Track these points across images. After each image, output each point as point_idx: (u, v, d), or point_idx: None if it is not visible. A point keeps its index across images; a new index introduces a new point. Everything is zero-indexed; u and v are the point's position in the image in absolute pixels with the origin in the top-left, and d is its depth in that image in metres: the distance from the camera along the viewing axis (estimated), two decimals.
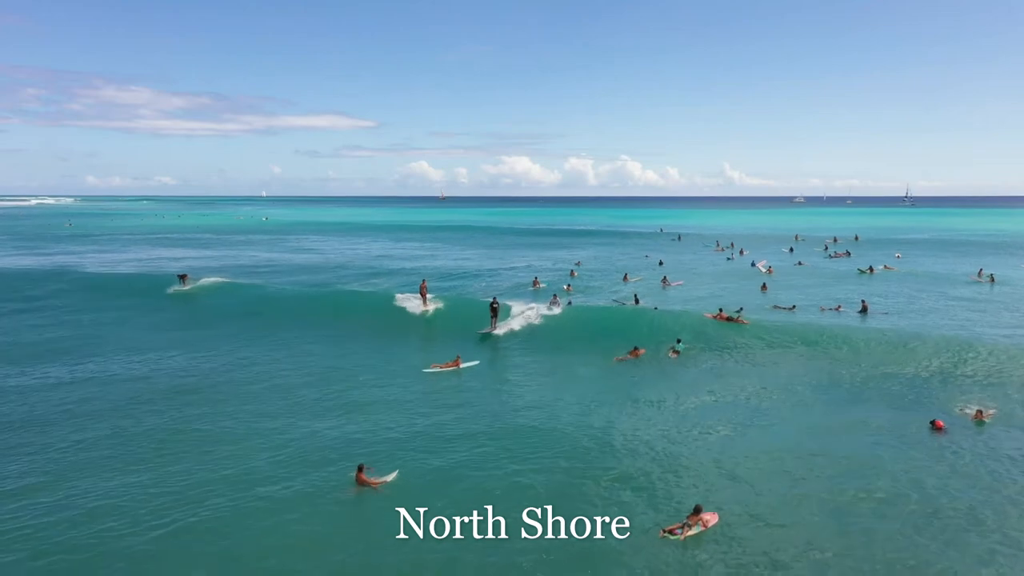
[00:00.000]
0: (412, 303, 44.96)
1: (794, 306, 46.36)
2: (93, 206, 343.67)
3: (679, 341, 35.65)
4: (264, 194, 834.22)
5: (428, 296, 44.91)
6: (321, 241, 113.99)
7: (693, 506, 16.98)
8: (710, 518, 16.84)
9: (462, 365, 32.78)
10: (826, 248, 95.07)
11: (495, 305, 39.67)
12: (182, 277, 54.85)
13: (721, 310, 40.92)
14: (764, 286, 56.65)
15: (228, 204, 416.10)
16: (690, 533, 16.22)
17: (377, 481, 19.01)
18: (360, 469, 19.34)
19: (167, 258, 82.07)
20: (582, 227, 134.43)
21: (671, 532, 16.23)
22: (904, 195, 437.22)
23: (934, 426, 23.18)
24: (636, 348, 34.48)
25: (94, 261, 77.59)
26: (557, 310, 42.85)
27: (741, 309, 42.23)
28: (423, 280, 46.54)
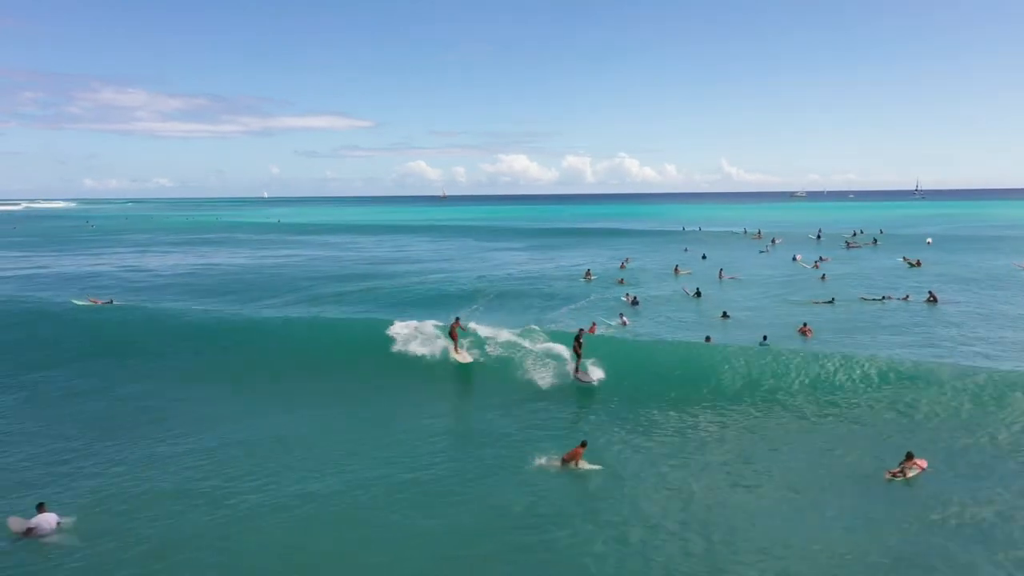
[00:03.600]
0: (435, 347, 30.65)
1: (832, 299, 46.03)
2: (108, 208, 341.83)
3: None
4: (265, 195, 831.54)
5: (457, 339, 30.10)
6: (351, 242, 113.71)
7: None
8: (921, 463, 18.60)
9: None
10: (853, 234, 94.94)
11: (581, 340, 27.61)
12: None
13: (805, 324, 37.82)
14: (824, 276, 57.10)
15: (237, 205, 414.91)
16: (910, 475, 18.26)
17: None
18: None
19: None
20: (598, 226, 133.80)
21: (895, 475, 18.31)
22: (915, 188, 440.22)
23: None
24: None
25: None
26: (626, 321, 40.30)
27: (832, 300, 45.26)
28: (455, 319, 30.69)
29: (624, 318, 40.68)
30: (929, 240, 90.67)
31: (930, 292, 45.73)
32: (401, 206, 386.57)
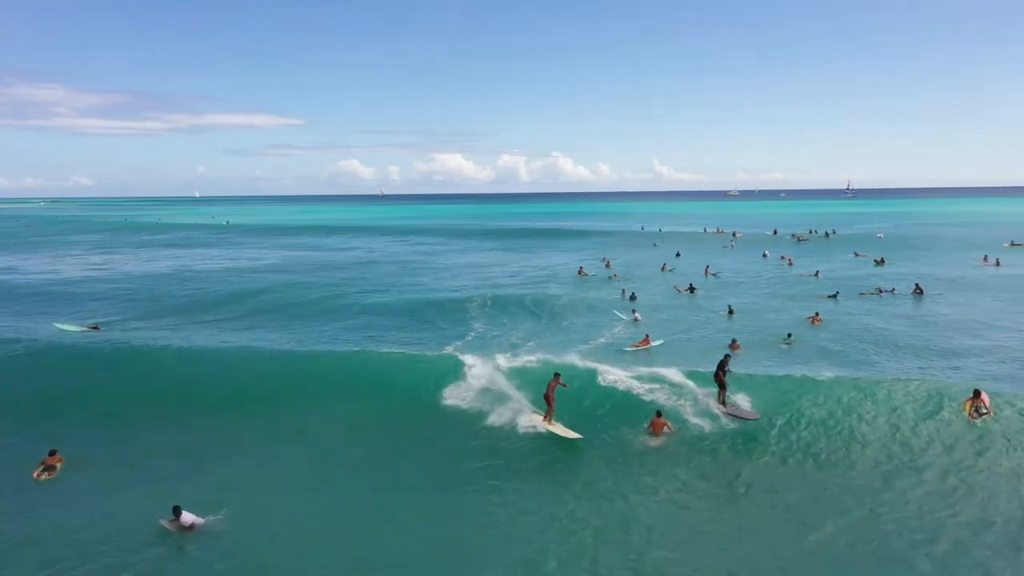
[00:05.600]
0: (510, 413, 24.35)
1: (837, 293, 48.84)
2: (24, 208, 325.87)
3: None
4: (197, 194, 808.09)
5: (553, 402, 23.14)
6: (319, 244, 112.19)
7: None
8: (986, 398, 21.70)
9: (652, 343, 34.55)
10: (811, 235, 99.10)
11: (727, 367, 23.78)
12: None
13: (817, 314, 40.70)
14: (817, 273, 59.86)
15: (167, 205, 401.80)
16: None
17: None
18: None
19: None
20: (561, 226, 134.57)
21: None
22: (846, 187, 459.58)
23: None
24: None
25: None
26: (640, 317, 41.19)
27: (836, 294, 48.05)
28: (555, 375, 23.36)
29: (637, 314, 41.88)
30: (880, 235, 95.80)
31: (916, 285, 48.78)
32: (341, 205, 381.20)
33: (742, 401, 23.80)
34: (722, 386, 23.09)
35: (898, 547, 15.87)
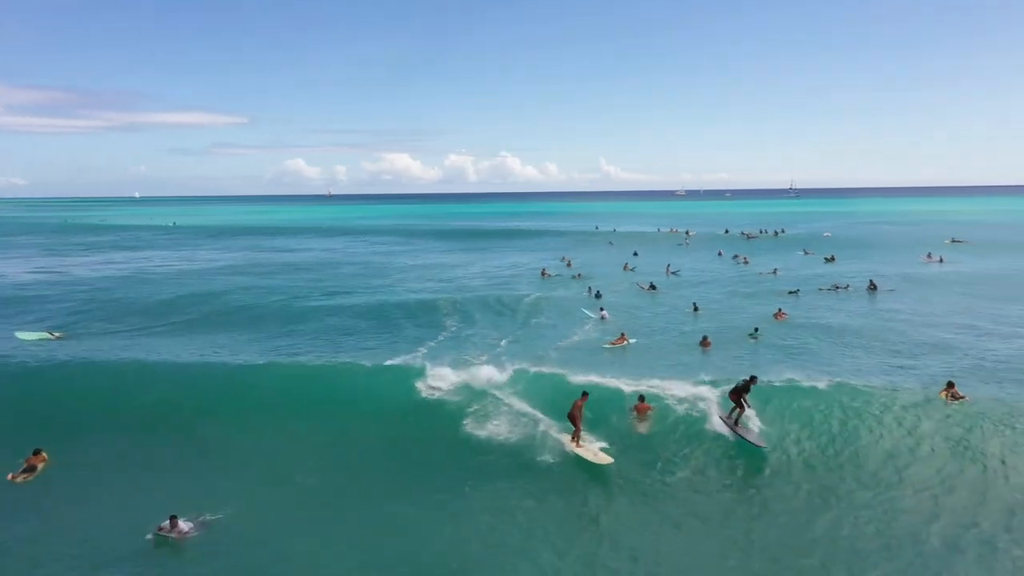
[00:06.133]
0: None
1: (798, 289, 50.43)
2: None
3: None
4: (137, 195, 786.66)
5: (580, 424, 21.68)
6: (273, 245, 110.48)
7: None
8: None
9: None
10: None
11: (750, 388, 22.49)
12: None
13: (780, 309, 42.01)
14: (776, 271, 61.63)
15: (107, 206, 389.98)
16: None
17: None
18: None
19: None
20: (514, 226, 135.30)
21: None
22: (789, 187, 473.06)
23: None
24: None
25: None
26: (607, 315, 41.92)
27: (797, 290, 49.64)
28: (582, 394, 21.99)
29: (604, 312, 42.50)
30: (827, 234, 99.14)
31: (871, 281, 50.70)
32: (289, 205, 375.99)
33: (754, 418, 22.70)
34: (738, 405, 22.18)
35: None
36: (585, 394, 21.92)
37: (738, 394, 22.10)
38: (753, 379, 22.33)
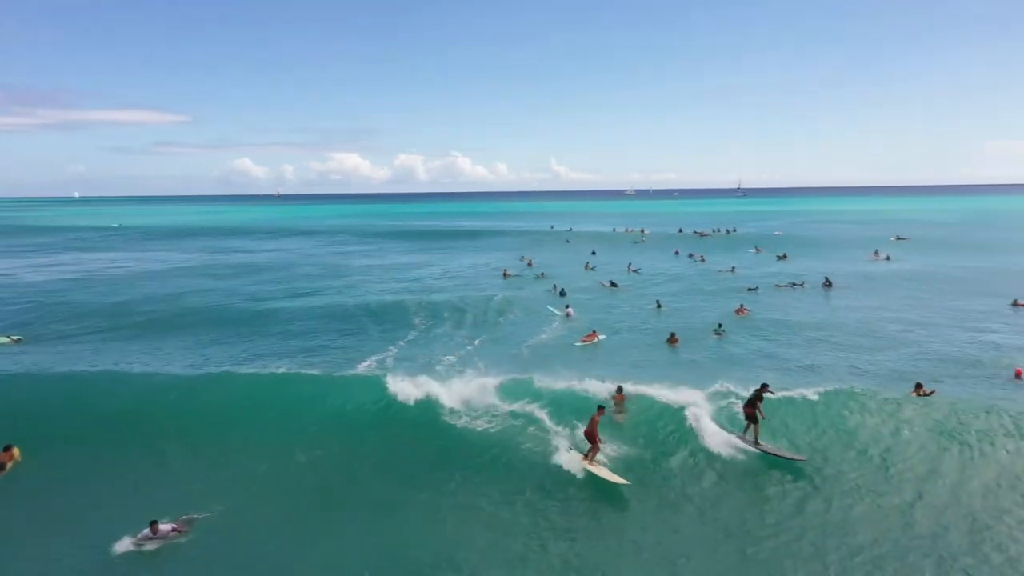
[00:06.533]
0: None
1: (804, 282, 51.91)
2: None
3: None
4: (77, 195, 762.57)
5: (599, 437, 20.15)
6: (226, 246, 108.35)
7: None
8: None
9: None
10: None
11: (763, 396, 21.07)
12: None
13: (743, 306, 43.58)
14: (733, 268, 63.07)
15: (44, 206, 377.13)
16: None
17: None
18: None
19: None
20: (473, 227, 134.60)
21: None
22: (736, 187, 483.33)
23: None
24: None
25: None
26: (572, 312, 42.64)
27: (756, 287, 50.84)
28: (598, 408, 20.23)
29: (569, 309, 43.08)
30: (778, 232, 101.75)
31: (826, 278, 52.41)
32: (238, 205, 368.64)
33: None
34: (752, 420, 20.55)
35: None
36: (601, 408, 20.29)
37: (752, 406, 20.61)
38: (764, 387, 20.98)
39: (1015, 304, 43.13)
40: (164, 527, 16.81)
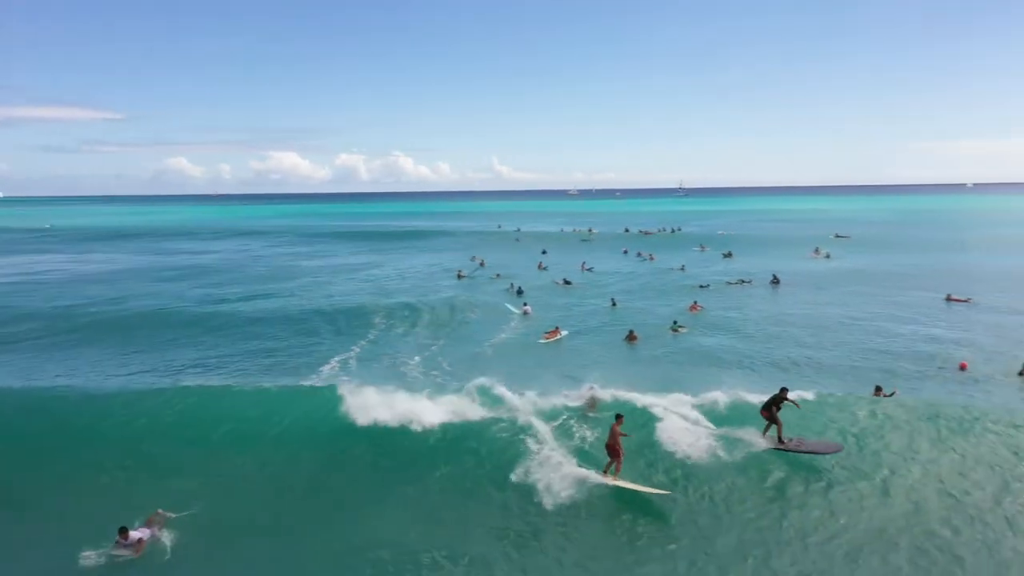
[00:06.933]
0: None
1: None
2: None
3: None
4: (1, 194, 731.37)
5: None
6: (167, 248, 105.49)
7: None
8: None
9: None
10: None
11: (786, 397, 20.31)
12: None
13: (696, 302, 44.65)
14: (683, 267, 64.39)
15: None
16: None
17: None
18: None
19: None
20: (421, 227, 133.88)
21: None
22: (678, 186, 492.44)
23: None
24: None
25: None
26: (530, 310, 43.20)
27: (707, 284, 52.46)
28: (616, 418, 19.02)
29: (527, 307, 43.65)
30: (721, 232, 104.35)
31: (774, 276, 54.09)
32: (174, 205, 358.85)
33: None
34: (773, 421, 20.22)
35: None
36: (620, 416, 19.10)
37: (769, 408, 20.34)
38: (784, 391, 20.37)
39: (948, 299, 45.27)
40: (135, 533, 16.37)
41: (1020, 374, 28.00)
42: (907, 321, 39.61)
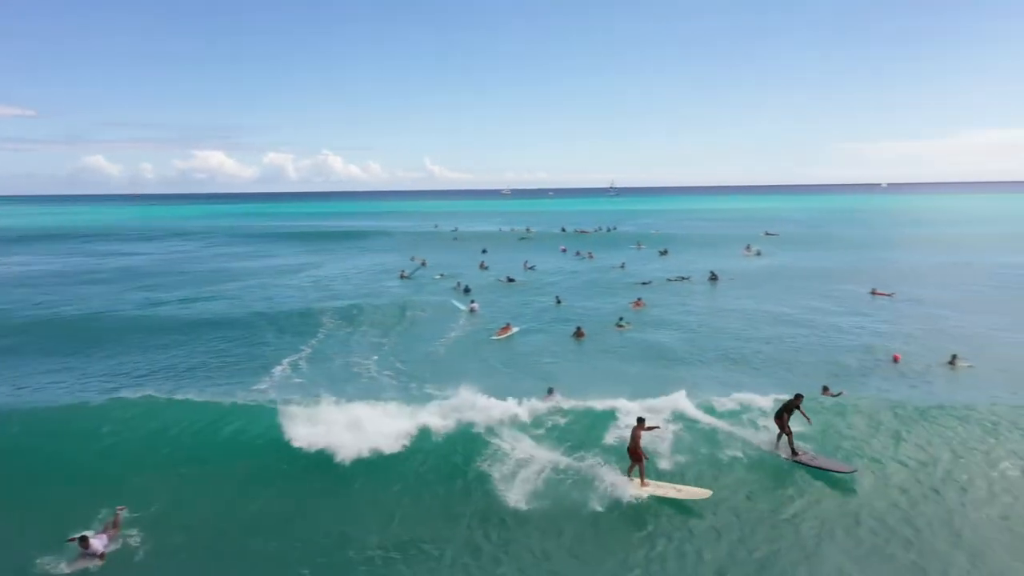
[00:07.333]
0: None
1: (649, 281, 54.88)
2: None
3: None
4: None
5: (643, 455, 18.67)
6: (90, 249, 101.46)
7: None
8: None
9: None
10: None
11: (799, 405, 20.17)
12: None
13: (640, 299, 45.71)
14: (623, 264, 65.97)
15: None
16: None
17: None
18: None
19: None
20: (358, 227, 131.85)
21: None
22: (609, 186, 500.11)
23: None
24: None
25: None
26: (477, 307, 43.90)
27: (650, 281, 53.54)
28: (638, 421, 18.79)
29: (474, 304, 44.25)
30: (654, 231, 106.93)
31: (712, 272, 55.90)
32: (94, 205, 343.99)
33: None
34: (785, 431, 19.82)
35: None
36: (641, 420, 18.61)
37: (781, 416, 19.92)
38: (799, 397, 19.94)
39: (873, 293, 47.70)
40: (96, 541, 16.01)
41: (949, 363, 29.78)
42: (839, 315, 41.60)
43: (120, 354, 34.87)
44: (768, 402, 23.08)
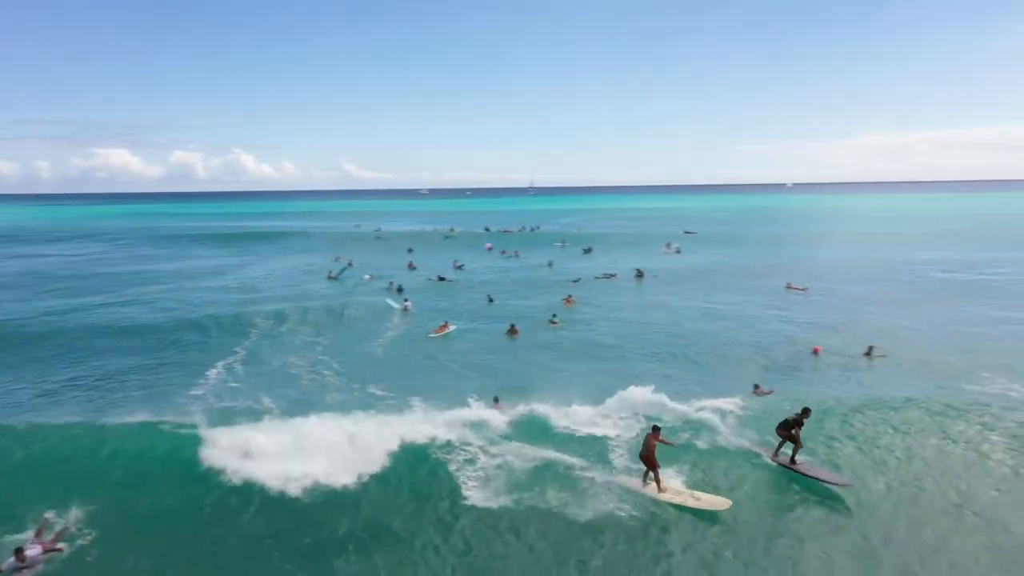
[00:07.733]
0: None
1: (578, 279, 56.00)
2: None
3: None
4: None
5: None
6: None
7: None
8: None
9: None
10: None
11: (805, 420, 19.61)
12: None
13: (570, 296, 46.75)
14: (551, 263, 67.02)
15: None
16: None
17: None
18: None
19: None
20: (278, 227, 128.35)
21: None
22: (528, 185, 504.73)
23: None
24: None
25: None
26: (410, 306, 43.86)
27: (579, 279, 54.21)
28: (653, 428, 18.52)
29: (408, 303, 44.32)
30: (575, 230, 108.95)
31: (638, 270, 57.62)
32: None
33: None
34: (787, 440, 19.61)
35: None
36: (657, 428, 18.36)
37: (787, 428, 19.51)
38: (806, 412, 19.43)
39: (788, 287, 50.05)
40: (32, 552, 15.57)
41: (865, 355, 31.59)
42: (759, 308, 43.58)
43: (28, 370, 31.79)
44: (710, 397, 24.33)
